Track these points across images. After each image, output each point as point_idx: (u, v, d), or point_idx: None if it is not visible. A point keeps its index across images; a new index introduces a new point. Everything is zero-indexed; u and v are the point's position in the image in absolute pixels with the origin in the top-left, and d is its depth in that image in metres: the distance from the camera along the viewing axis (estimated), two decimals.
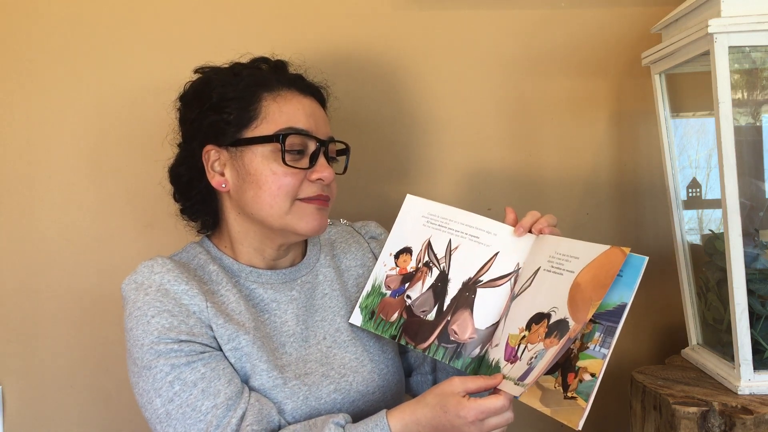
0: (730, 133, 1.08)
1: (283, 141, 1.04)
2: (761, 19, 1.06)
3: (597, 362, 0.90)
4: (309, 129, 1.07)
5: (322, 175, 1.06)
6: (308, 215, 1.07)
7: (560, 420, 0.90)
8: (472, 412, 0.92)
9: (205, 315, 1.02)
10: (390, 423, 0.95)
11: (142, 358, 0.98)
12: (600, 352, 0.90)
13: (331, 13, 1.47)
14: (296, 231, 1.07)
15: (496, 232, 1.09)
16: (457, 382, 0.95)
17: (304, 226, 1.07)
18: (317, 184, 1.07)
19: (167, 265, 1.03)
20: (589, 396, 0.88)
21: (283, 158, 1.04)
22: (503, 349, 1.00)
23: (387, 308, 1.11)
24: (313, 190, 1.07)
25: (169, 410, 0.97)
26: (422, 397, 0.97)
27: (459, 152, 1.51)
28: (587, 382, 0.89)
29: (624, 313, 0.90)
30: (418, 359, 1.24)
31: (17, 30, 1.44)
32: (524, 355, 0.97)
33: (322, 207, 1.08)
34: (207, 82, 1.11)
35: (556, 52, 1.50)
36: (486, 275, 1.08)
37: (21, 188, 1.45)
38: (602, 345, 0.90)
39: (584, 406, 0.88)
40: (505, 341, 1.01)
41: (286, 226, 1.06)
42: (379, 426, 0.95)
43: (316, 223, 1.07)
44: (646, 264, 0.91)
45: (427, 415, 0.94)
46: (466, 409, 0.92)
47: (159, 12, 1.45)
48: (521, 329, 0.99)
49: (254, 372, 1.02)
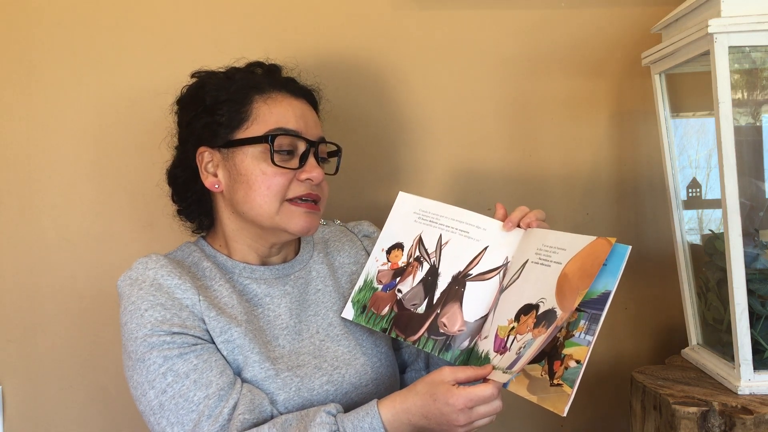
0: (730, 133, 1.08)
1: (272, 141, 1.06)
2: (761, 19, 1.06)
3: (582, 349, 0.91)
4: (299, 130, 1.09)
5: (311, 175, 1.08)
6: (297, 216, 1.09)
7: (547, 407, 0.91)
8: (461, 400, 0.93)
9: (197, 308, 1.04)
10: (381, 411, 0.96)
11: (135, 351, 1.00)
12: (585, 339, 0.91)
13: (331, 12, 1.47)
14: (287, 230, 1.09)
15: (485, 227, 1.11)
16: (447, 372, 0.96)
17: (294, 225, 1.09)
18: (306, 183, 1.09)
19: (161, 261, 1.06)
20: (574, 382, 0.89)
21: (272, 158, 1.06)
22: (492, 341, 1.02)
23: (378, 302, 1.13)
24: (302, 189, 1.09)
25: (162, 401, 0.98)
26: (413, 385, 0.98)
27: (459, 152, 1.51)
28: (572, 368, 0.90)
29: (608, 301, 0.92)
30: (412, 355, 1.26)
31: (17, 31, 1.44)
32: (513, 345, 0.98)
33: (311, 210, 1.10)
34: (201, 85, 1.14)
35: (556, 52, 1.50)
36: (475, 269, 1.09)
37: (21, 188, 1.45)
38: (587, 332, 0.92)
39: (569, 392, 0.89)
40: (494, 333, 1.02)
41: (276, 225, 1.09)
42: (370, 414, 0.96)
43: (305, 223, 1.09)
44: (629, 253, 0.93)
45: (417, 403, 0.96)
46: (455, 397, 0.93)
47: (158, 15, 1.45)
48: (510, 321, 1.01)
49: (246, 364, 1.04)
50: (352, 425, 0.95)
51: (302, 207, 1.09)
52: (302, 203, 1.09)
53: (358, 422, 0.96)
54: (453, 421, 0.94)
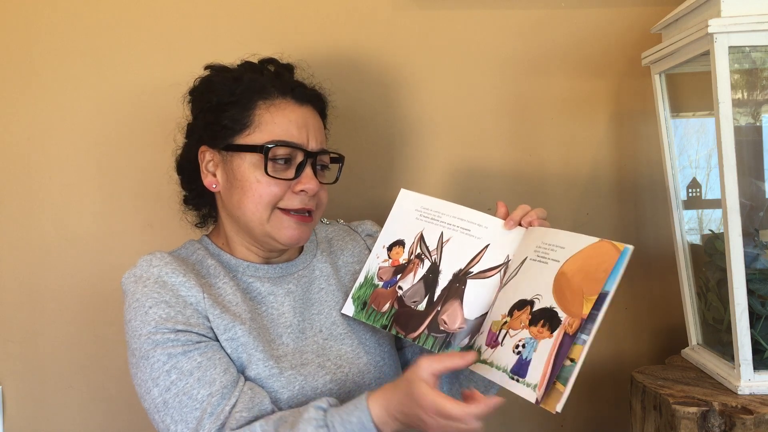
0: (730, 133, 1.08)
1: (266, 152, 1.06)
2: (761, 19, 1.06)
3: (578, 348, 0.91)
4: (299, 141, 1.09)
5: (305, 187, 1.08)
6: (286, 227, 1.09)
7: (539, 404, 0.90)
8: (430, 406, 0.89)
9: (201, 306, 1.04)
10: (370, 405, 0.94)
11: (140, 348, 1.00)
12: (581, 339, 0.91)
13: (331, 12, 1.48)
14: (276, 240, 1.10)
15: (487, 225, 1.11)
16: (423, 365, 0.91)
17: (283, 236, 1.09)
18: (301, 195, 1.09)
19: (165, 258, 1.06)
20: (567, 380, 0.89)
21: (265, 169, 1.07)
22: (486, 335, 1.02)
23: (379, 299, 1.13)
24: (296, 202, 1.09)
25: (166, 399, 0.98)
26: (399, 379, 0.95)
27: (459, 152, 1.51)
28: (567, 366, 0.90)
29: (606, 302, 0.91)
30: (415, 354, 1.25)
31: (18, 30, 1.44)
32: (506, 341, 0.98)
33: (302, 222, 1.10)
34: (209, 83, 1.14)
35: (556, 52, 1.50)
36: (476, 267, 1.09)
37: (22, 188, 1.45)
38: (583, 332, 0.91)
39: (563, 390, 0.89)
40: (488, 327, 1.03)
41: (266, 234, 1.09)
42: (359, 408, 0.94)
43: (295, 234, 1.09)
44: (631, 254, 0.92)
45: (398, 398, 0.92)
46: (425, 400, 0.89)
47: (160, 12, 1.45)
48: (503, 315, 1.01)
49: (250, 362, 1.04)
50: (341, 419, 0.93)
51: (293, 218, 1.09)
52: (294, 214, 1.09)
53: (347, 416, 0.93)
54: (425, 423, 0.90)
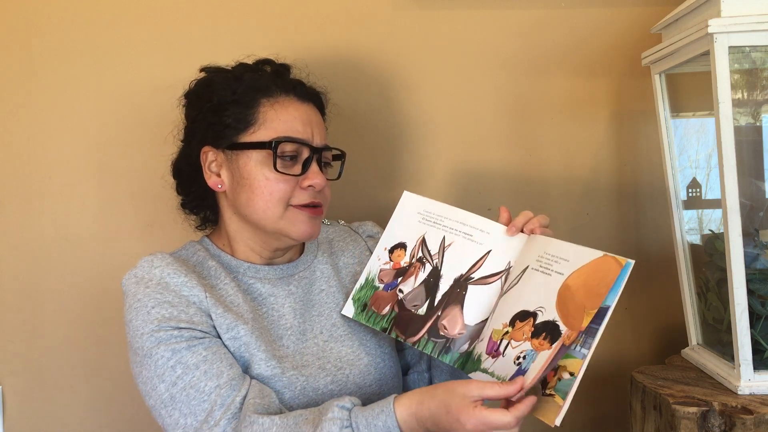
0: (730, 133, 1.08)
1: (275, 148, 1.06)
2: (761, 19, 1.06)
3: (577, 362, 0.90)
4: (304, 137, 1.09)
5: (313, 182, 1.09)
6: (300, 222, 1.09)
7: (538, 416, 0.90)
8: (472, 421, 0.87)
9: (204, 305, 1.04)
10: (396, 410, 0.92)
11: (142, 346, 1.00)
12: (581, 353, 0.91)
13: (331, 12, 1.47)
14: (289, 235, 1.09)
15: (489, 231, 1.11)
16: (474, 387, 0.90)
17: (296, 231, 1.09)
18: (309, 190, 1.09)
19: (166, 259, 1.06)
20: (566, 394, 0.88)
21: (274, 165, 1.06)
22: (486, 343, 1.02)
23: (379, 301, 1.13)
24: (306, 197, 1.09)
25: (173, 393, 0.98)
26: (434, 387, 0.93)
27: (459, 152, 1.51)
28: (566, 380, 0.90)
29: (606, 316, 0.91)
30: (415, 357, 1.25)
31: (18, 30, 1.44)
32: (507, 351, 0.98)
33: (315, 216, 1.11)
34: (209, 83, 1.13)
35: (556, 52, 1.50)
36: (477, 272, 1.09)
37: (22, 188, 1.45)
38: (583, 345, 0.91)
39: (561, 403, 0.88)
40: (488, 335, 1.02)
41: (279, 230, 1.09)
42: (385, 412, 0.92)
43: (308, 229, 1.10)
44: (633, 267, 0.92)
45: (432, 408, 0.91)
46: (467, 416, 0.88)
47: (160, 13, 1.45)
48: (504, 324, 1.01)
49: (253, 361, 1.04)
50: (366, 422, 0.92)
51: (306, 212, 1.09)
52: (306, 208, 1.09)
53: (373, 419, 0.92)
54: None
